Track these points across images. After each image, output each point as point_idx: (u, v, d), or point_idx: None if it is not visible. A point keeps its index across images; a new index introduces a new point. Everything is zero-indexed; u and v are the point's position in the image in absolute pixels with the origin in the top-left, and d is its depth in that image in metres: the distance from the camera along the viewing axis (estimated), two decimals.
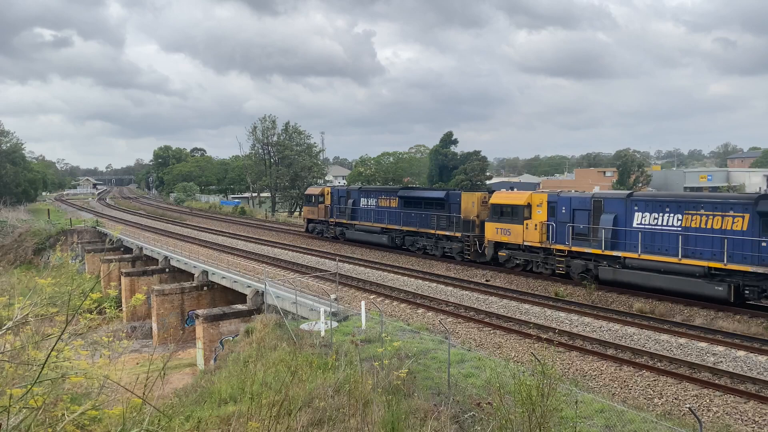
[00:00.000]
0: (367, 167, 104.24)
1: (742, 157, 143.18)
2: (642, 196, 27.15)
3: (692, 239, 23.24)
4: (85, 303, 8.22)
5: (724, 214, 22.53)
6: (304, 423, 11.20)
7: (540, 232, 29.12)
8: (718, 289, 22.10)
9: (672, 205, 24.33)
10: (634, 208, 25.55)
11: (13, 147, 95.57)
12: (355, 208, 44.52)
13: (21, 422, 6.52)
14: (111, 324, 26.26)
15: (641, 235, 24.76)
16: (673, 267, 23.55)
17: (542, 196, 29.87)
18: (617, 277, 25.63)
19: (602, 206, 26.87)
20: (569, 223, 27.93)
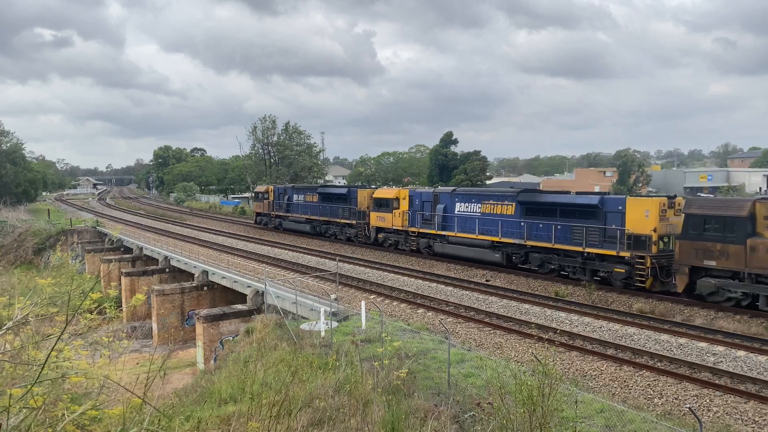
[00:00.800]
0: (367, 167, 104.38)
1: (742, 157, 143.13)
2: (460, 191, 36.36)
3: (485, 221, 32.56)
4: (85, 303, 8.22)
5: (502, 203, 31.77)
6: (304, 423, 11.20)
7: (402, 219, 38.61)
8: (496, 256, 31.56)
9: (475, 197, 33.93)
10: (455, 200, 34.84)
11: (13, 147, 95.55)
12: (289, 203, 53.72)
13: (21, 422, 6.52)
14: (111, 324, 26.26)
15: (458, 219, 34.40)
16: (474, 241, 33.00)
17: (405, 192, 39.59)
18: (445, 250, 35.16)
19: (438, 199, 36.12)
20: (419, 211, 37.32)
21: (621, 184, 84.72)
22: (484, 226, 32.58)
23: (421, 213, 37.31)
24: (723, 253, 21.86)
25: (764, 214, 21.36)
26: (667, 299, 23.65)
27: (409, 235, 38.40)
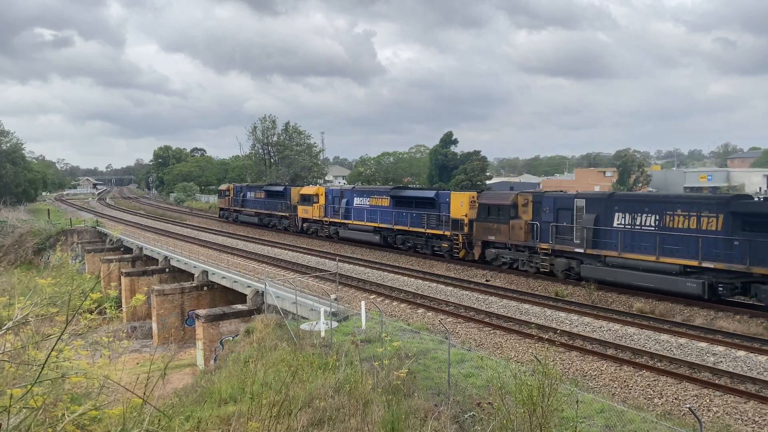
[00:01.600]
0: (367, 167, 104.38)
1: (742, 157, 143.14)
2: (358, 189, 45.34)
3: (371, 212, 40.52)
4: (85, 303, 8.23)
5: (381, 197, 40.68)
6: (304, 423, 11.20)
7: (319, 211, 47.71)
8: (376, 237, 40.09)
9: (366, 193, 43.14)
10: (354, 195, 43.69)
11: (13, 147, 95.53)
12: (244, 200, 62.51)
13: (21, 422, 6.53)
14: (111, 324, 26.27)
15: (354, 210, 42.67)
16: (364, 227, 41.91)
17: (322, 189, 48.89)
18: (346, 235, 43.89)
19: (343, 194, 44.71)
20: (331, 205, 46.34)
21: (621, 184, 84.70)
22: (370, 215, 41.64)
23: (332, 206, 46.46)
24: (498, 231, 31.04)
25: (522, 203, 30.07)
26: (667, 299, 23.68)
27: (324, 224, 47.77)
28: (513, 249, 30.60)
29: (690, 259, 22.85)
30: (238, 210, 63.53)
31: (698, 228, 22.88)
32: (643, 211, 25.03)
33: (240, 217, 63.08)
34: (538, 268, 28.94)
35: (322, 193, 48.31)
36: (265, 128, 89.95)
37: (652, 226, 24.45)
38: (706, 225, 22.68)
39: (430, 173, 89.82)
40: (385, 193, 41.32)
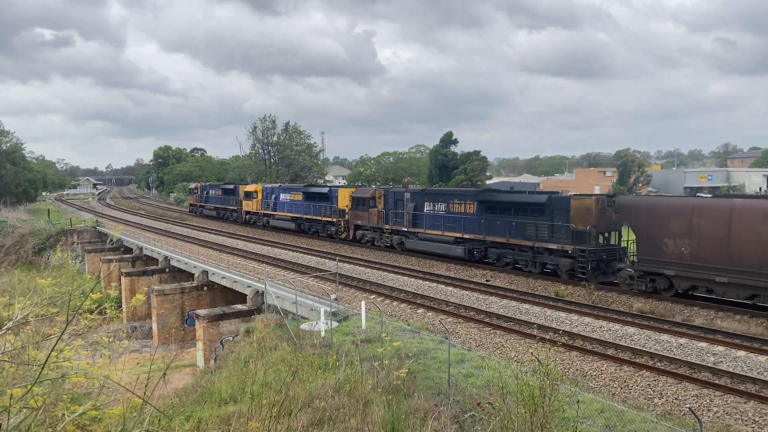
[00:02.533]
0: (367, 167, 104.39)
1: (742, 157, 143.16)
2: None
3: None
4: (85, 303, 8.22)
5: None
6: (305, 423, 11.20)
7: (257, 204, 57.97)
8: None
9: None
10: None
11: (13, 147, 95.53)
12: (207, 197, 72.41)
13: (21, 422, 6.53)
14: (111, 324, 26.28)
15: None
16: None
17: (258, 187, 59.30)
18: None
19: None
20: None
21: (621, 184, 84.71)
22: (290, 208, 49.31)
23: (266, 201, 56.61)
24: (363, 217, 42.14)
25: (378, 196, 40.89)
26: (667, 299, 23.70)
27: (260, 216, 58.33)
28: (371, 230, 41.91)
29: (458, 232, 34.11)
30: (203, 205, 74.07)
31: (464, 212, 33.99)
32: (439, 201, 36.01)
33: (204, 212, 73.49)
34: (385, 243, 40.46)
35: (259, 190, 58.19)
36: (265, 128, 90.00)
37: (443, 212, 35.59)
38: (467, 210, 33.89)
39: (430, 173, 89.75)
40: (299, 190, 52.03)
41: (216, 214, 69.37)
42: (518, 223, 30.66)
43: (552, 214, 29.17)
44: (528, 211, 30.63)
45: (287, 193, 52.96)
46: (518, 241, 30.61)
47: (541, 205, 30.17)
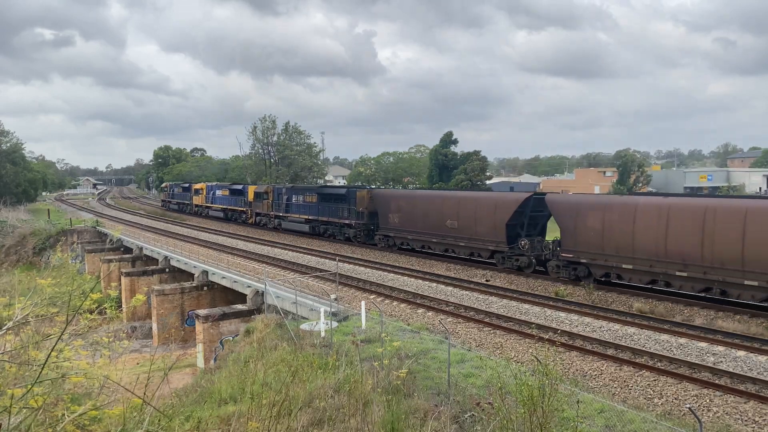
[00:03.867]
0: (367, 167, 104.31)
1: (742, 157, 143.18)
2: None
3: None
4: (85, 303, 8.23)
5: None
6: (304, 423, 11.20)
7: (201, 199, 75.37)
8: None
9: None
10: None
11: (13, 147, 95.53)
12: (174, 193, 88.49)
13: (21, 422, 6.53)
14: (111, 324, 26.27)
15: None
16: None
17: (203, 185, 75.33)
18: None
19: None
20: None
21: (621, 184, 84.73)
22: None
23: (210, 194, 71.16)
24: (260, 207, 56.73)
25: (270, 191, 55.91)
26: (667, 299, 23.72)
27: (194, 206, 76.44)
28: (264, 216, 57.65)
29: (307, 215, 49.96)
30: (169, 201, 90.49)
31: (310, 202, 49.48)
32: (299, 195, 52.05)
33: (170, 206, 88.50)
34: (272, 224, 55.70)
35: (203, 187, 75.81)
36: (265, 128, 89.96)
37: (300, 202, 51.43)
38: (311, 200, 49.57)
39: (430, 173, 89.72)
40: (226, 187, 71.21)
41: (178, 209, 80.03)
42: (334, 207, 46.51)
43: (348, 201, 44.44)
44: (339, 200, 45.89)
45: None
46: (334, 219, 46.38)
47: (344, 195, 45.59)
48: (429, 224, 36.51)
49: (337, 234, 46.08)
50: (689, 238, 22.92)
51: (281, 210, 54.01)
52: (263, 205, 57.14)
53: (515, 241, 30.87)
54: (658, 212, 24.06)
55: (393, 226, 39.22)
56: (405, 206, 38.67)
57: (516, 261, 30.69)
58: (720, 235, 22.02)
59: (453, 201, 35.46)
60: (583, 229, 26.89)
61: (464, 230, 33.76)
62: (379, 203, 41.27)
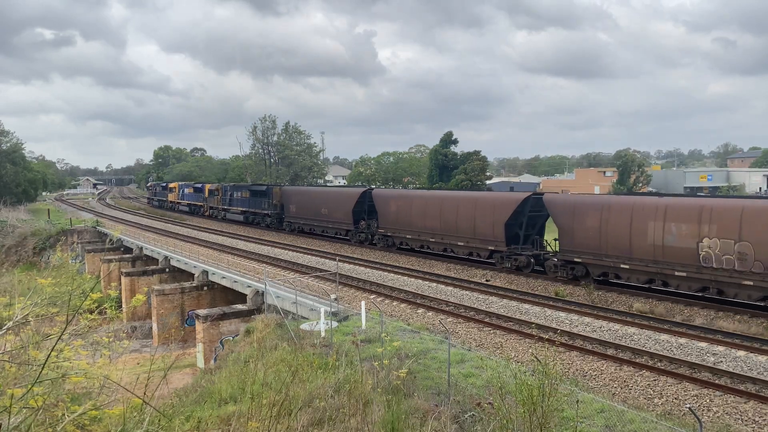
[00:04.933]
0: (367, 167, 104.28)
1: (742, 157, 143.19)
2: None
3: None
4: (85, 303, 8.23)
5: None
6: (304, 423, 11.20)
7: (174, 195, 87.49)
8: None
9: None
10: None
11: (13, 147, 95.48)
12: (156, 192, 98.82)
13: (21, 422, 6.53)
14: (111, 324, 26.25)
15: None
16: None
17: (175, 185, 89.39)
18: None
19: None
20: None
21: (621, 184, 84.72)
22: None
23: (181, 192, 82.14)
24: (213, 202, 71.23)
25: (221, 188, 70.52)
26: (667, 299, 23.73)
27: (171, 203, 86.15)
28: (216, 209, 69.06)
29: (242, 208, 62.36)
30: (152, 198, 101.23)
31: (244, 197, 62.00)
32: (237, 191, 64.58)
33: (153, 203, 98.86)
34: (221, 216, 67.61)
35: (176, 186, 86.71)
36: (265, 128, 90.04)
37: (238, 197, 63.77)
38: (245, 196, 62.11)
39: (430, 173, 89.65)
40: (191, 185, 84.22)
41: (159, 205, 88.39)
42: (259, 201, 59.02)
43: (268, 196, 56.84)
44: (262, 195, 58.52)
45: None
46: (258, 210, 59.18)
47: (264, 191, 58.30)
48: (313, 213, 49.92)
49: (260, 221, 59.03)
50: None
51: (226, 204, 67.11)
52: (215, 200, 70.28)
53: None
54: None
55: (292, 214, 53.33)
56: (302, 200, 52.42)
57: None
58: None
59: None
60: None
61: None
62: (284, 198, 54.96)
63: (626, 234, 25.21)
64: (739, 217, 21.67)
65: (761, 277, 21.05)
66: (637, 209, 25.11)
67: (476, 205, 33.45)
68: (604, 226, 26.16)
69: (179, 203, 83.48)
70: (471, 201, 34.31)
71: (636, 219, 24.97)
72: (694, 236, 22.88)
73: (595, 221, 26.59)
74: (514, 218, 31.11)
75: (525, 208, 31.05)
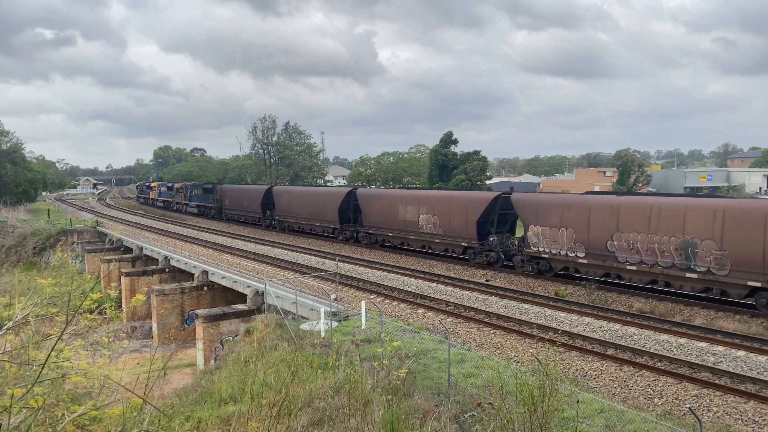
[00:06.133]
0: (367, 167, 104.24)
1: (742, 157, 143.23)
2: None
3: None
4: (85, 303, 8.23)
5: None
6: (304, 423, 11.21)
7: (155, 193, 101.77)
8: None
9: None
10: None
11: (13, 147, 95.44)
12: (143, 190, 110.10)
13: (21, 422, 6.53)
14: (111, 324, 26.26)
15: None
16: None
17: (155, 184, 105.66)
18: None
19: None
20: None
21: (621, 184, 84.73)
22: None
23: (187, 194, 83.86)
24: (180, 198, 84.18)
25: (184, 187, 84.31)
26: (667, 299, 23.74)
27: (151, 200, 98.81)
28: (182, 204, 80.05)
29: (197, 203, 76.63)
30: (139, 196, 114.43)
31: (200, 194, 76.07)
32: (194, 189, 78.67)
33: (140, 200, 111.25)
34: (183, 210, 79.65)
35: (156, 185, 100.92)
36: (265, 128, 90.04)
37: (196, 194, 77.26)
38: (200, 193, 76.33)
39: (430, 173, 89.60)
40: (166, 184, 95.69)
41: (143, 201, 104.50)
42: (207, 197, 72.25)
43: (213, 193, 70.15)
44: (209, 192, 71.59)
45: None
46: (206, 204, 72.65)
47: (211, 189, 72.00)
48: (243, 208, 62.97)
49: (208, 213, 72.03)
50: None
51: (187, 200, 79.69)
52: (180, 196, 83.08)
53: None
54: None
55: (226, 207, 66.97)
56: (234, 195, 66.19)
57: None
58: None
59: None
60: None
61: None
62: (222, 194, 68.95)
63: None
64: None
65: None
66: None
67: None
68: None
69: (157, 200, 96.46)
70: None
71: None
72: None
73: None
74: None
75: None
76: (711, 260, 22.21)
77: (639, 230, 24.68)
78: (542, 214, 29.04)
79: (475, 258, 33.44)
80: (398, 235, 39.45)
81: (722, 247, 21.90)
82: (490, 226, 33.09)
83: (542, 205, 29.75)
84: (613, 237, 25.65)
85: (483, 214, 32.89)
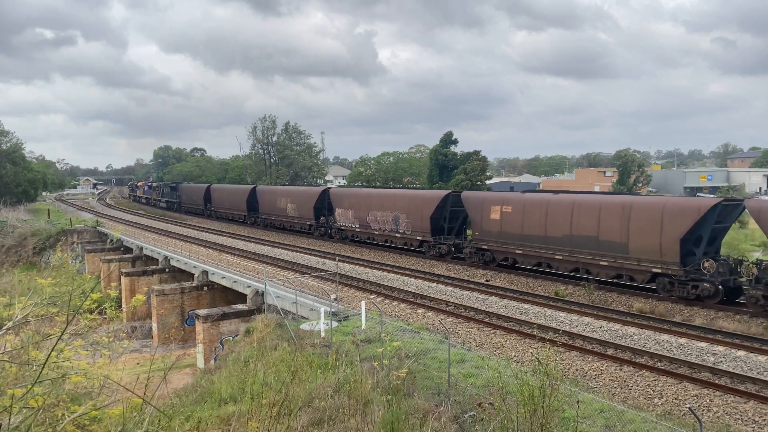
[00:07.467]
0: (367, 167, 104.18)
1: (742, 157, 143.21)
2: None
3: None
4: (85, 303, 8.23)
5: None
6: (304, 423, 11.20)
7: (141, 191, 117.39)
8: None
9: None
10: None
11: (13, 147, 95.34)
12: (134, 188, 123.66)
13: (21, 422, 6.53)
14: (111, 324, 26.27)
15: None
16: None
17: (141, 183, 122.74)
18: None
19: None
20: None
21: (621, 184, 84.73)
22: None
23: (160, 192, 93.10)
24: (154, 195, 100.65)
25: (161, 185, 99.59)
26: (667, 300, 23.74)
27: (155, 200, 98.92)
28: (161, 200, 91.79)
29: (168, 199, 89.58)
30: (131, 194, 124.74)
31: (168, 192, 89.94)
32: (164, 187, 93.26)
33: (131, 197, 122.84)
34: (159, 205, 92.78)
35: (141, 184, 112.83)
36: (265, 128, 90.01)
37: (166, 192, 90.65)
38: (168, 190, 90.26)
39: (430, 173, 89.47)
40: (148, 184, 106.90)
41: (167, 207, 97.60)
42: (174, 194, 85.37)
43: (177, 190, 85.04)
44: (175, 189, 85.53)
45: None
46: (172, 200, 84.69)
47: (175, 187, 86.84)
48: (194, 201, 76.85)
49: (174, 207, 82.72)
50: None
51: (160, 196, 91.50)
52: (156, 193, 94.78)
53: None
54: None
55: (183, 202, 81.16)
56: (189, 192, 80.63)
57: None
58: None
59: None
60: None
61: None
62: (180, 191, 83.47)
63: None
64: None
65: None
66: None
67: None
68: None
69: (141, 197, 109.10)
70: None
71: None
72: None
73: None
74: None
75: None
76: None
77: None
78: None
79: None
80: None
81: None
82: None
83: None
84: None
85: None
